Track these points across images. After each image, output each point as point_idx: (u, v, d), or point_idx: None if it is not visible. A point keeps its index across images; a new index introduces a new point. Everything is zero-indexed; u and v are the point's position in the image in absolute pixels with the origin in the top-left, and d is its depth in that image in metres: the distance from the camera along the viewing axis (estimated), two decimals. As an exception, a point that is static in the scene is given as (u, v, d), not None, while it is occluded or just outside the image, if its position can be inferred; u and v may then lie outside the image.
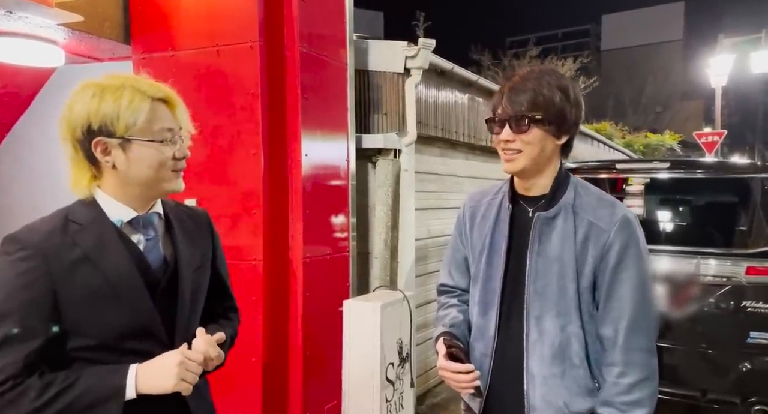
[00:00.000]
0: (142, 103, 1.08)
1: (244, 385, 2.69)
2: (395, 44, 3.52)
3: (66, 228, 1.07)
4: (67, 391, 1.01)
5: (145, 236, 1.14)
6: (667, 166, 3.36)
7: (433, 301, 4.24)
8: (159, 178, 1.12)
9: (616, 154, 10.59)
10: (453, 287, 1.51)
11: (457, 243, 1.50)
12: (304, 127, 2.82)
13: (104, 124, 1.06)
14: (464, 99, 4.47)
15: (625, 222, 1.25)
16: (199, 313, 1.25)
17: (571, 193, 1.30)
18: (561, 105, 1.24)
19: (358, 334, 2.61)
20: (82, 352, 1.06)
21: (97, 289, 1.05)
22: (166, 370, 1.05)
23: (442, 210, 4.38)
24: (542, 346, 1.27)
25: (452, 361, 1.30)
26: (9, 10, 2.37)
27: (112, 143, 1.07)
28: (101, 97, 1.06)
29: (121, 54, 3.04)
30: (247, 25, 2.69)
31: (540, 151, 1.26)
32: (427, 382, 4.05)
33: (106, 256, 1.07)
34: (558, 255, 1.27)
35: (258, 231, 2.69)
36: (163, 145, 1.10)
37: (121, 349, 1.08)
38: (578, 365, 1.26)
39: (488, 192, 1.47)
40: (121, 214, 1.12)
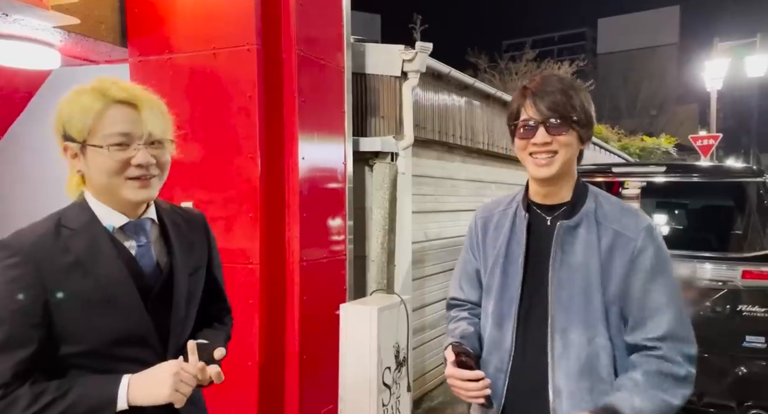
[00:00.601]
0: (93, 105, 1.03)
1: (241, 388, 2.68)
2: (392, 48, 3.53)
3: (58, 233, 1.04)
4: (59, 402, 0.98)
5: (137, 242, 1.11)
6: (664, 169, 3.37)
7: (430, 304, 4.24)
8: (113, 184, 1.06)
9: (612, 157, 10.62)
10: (464, 301, 1.47)
11: (469, 255, 1.45)
12: (301, 130, 2.82)
13: (67, 129, 1.05)
14: (461, 102, 4.47)
15: (650, 230, 1.23)
16: (193, 317, 1.22)
17: (592, 202, 1.28)
18: (588, 107, 1.23)
19: (355, 337, 2.60)
20: (74, 358, 1.04)
21: (89, 295, 1.03)
22: (161, 380, 1.02)
23: (439, 213, 4.38)
24: (568, 360, 1.22)
25: (461, 368, 1.25)
26: (5, 13, 2.36)
27: (75, 148, 1.06)
28: (68, 100, 1.05)
29: (118, 57, 3.03)
30: (244, 28, 2.69)
31: (572, 155, 1.24)
32: (424, 386, 4.04)
33: (99, 261, 1.05)
34: (582, 264, 1.23)
35: (255, 234, 2.68)
36: (116, 151, 1.03)
37: (113, 355, 1.06)
38: (606, 380, 1.22)
39: (501, 202, 1.44)
40: (112, 220, 1.09)
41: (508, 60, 15.89)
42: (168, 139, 1.13)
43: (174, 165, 3.11)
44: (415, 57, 3.44)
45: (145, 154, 1.06)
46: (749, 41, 13.06)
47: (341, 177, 3.18)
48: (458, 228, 4.64)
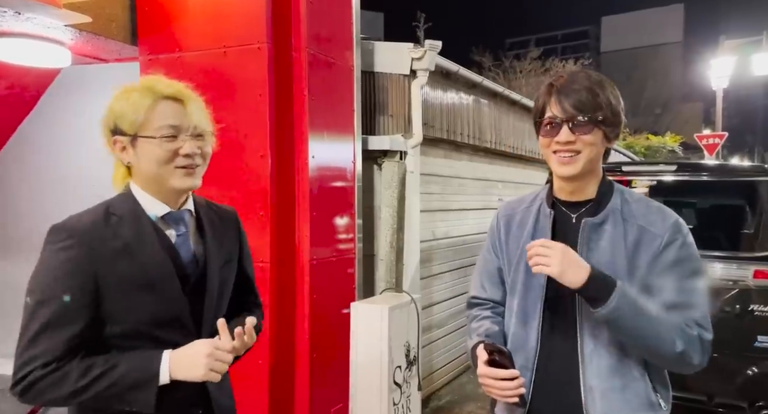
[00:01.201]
0: (144, 100, 1.12)
1: (251, 387, 2.68)
2: (401, 46, 3.52)
3: (107, 220, 1.13)
4: (107, 374, 1.06)
5: (176, 232, 1.19)
6: (674, 168, 3.36)
7: (437, 303, 4.24)
8: (163, 174, 1.14)
9: (617, 156, 10.59)
10: (486, 300, 1.45)
11: (491, 255, 1.44)
12: (311, 128, 2.82)
13: (117, 123, 1.13)
14: (469, 100, 4.46)
15: (678, 225, 1.23)
16: (225, 308, 1.29)
17: (618, 199, 1.27)
18: (616, 105, 1.22)
19: (366, 336, 2.60)
20: (115, 338, 1.11)
21: (134, 278, 1.11)
22: (196, 360, 1.10)
23: (447, 212, 4.37)
24: (599, 358, 1.22)
25: (494, 367, 1.21)
26: (17, 11, 2.36)
27: (125, 141, 1.14)
28: (119, 97, 1.14)
29: (128, 55, 3.03)
30: (254, 26, 2.68)
31: (596, 154, 1.23)
32: (431, 385, 4.04)
33: (144, 247, 1.13)
34: (609, 261, 1.22)
35: (265, 233, 2.68)
36: (166, 142, 1.13)
37: (151, 337, 1.13)
38: (639, 378, 1.22)
39: (524, 199, 1.43)
40: (155, 209, 1.17)
41: (513, 58, 15.85)
42: (209, 132, 1.22)
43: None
44: (424, 55, 3.43)
45: (192, 145, 1.16)
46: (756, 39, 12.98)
47: (350, 176, 3.18)
48: (465, 227, 4.63)
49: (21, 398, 1.05)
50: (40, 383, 1.03)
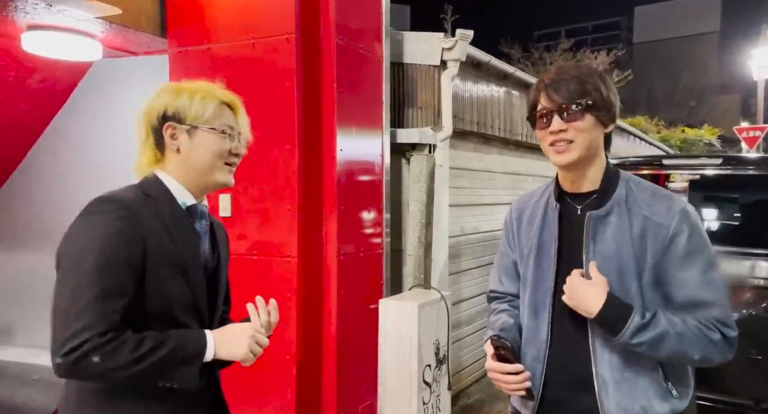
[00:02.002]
0: (212, 101, 1.23)
1: (279, 382, 2.66)
2: (432, 36, 3.43)
3: (147, 200, 1.17)
4: (160, 348, 1.07)
5: (198, 225, 1.25)
6: (718, 162, 3.20)
7: (466, 299, 4.15)
8: (213, 166, 1.23)
9: (653, 149, 10.26)
10: (503, 293, 1.48)
11: (506, 248, 1.47)
12: (339, 121, 2.76)
13: (177, 113, 1.21)
14: (500, 92, 4.34)
15: (684, 213, 1.20)
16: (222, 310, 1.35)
17: (623, 189, 1.26)
18: (606, 91, 1.22)
19: (395, 334, 2.55)
20: (140, 317, 1.11)
21: (171, 258, 1.15)
22: (240, 340, 1.15)
23: (476, 206, 4.28)
24: (611, 350, 1.22)
25: (501, 361, 1.26)
26: (49, 3, 2.37)
27: (181, 129, 1.21)
28: (179, 93, 1.22)
29: (157, 47, 3.03)
30: (283, 17, 2.63)
31: (591, 141, 1.23)
32: (460, 383, 3.97)
33: (179, 229, 1.18)
34: (615, 253, 1.22)
35: (293, 227, 2.65)
36: (224, 137, 1.23)
37: (173, 319, 1.16)
38: (651, 368, 1.21)
39: (534, 193, 1.44)
40: (184, 198, 1.23)
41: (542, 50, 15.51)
42: (249, 141, 1.32)
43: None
44: (455, 45, 3.33)
45: (240, 146, 1.27)
46: (800, 27, 12.37)
47: (378, 169, 3.12)
48: (495, 222, 4.53)
49: (70, 369, 1.02)
50: (96, 352, 1.02)
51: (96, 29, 2.77)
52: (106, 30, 2.77)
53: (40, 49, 2.80)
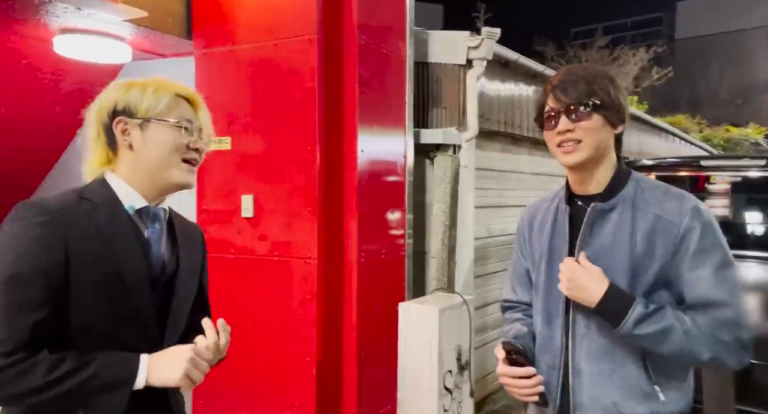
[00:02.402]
0: (165, 93, 1.14)
1: (299, 384, 2.65)
2: (457, 34, 3.36)
3: (80, 204, 1.07)
4: (79, 371, 0.96)
5: (150, 229, 1.14)
6: (763, 163, 3.01)
7: (493, 302, 4.06)
8: (169, 162, 1.13)
9: (693, 149, 9.85)
10: (517, 302, 1.46)
11: (518, 255, 1.45)
12: (360, 121, 2.73)
13: (128, 107, 1.12)
14: (529, 91, 4.23)
15: (696, 211, 1.16)
16: (186, 319, 1.23)
17: (632, 188, 1.24)
18: (614, 92, 1.21)
19: (415, 339, 2.50)
20: (76, 333, 1.02)
21: (103, 267, 1.04)
22: (176, 364, 1.03)
23: (503, 208, 4.18)
24: (590, 341, 1.21)
25: (512, 365, 1.24)
26: (78, 7, 2.42)
27: (133, 123, 1.12)
28: (130, 87, 1.14)
29: (184, 49, 3.06)
30: (305, 17, 2.62)
31: (600, 141, 1.21)
32: (485, 388, 3.89)
33: (117, 236, 1.07)
34: (608, 249, 1.20)
35: (313, 228, 2.63)
36: (180, 130, 1.13)
37: (112, 335, 1.05)
38: (631, 365, 1.18)
39: (545, 199, 1.43)
40: (132, 201, 1.12)
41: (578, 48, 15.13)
42: (211, 140, 1.22)
43: (235, 157, 3.10)
44: (481, 43, 3.26)
45: (199, 141, 1.17)
46: None
47: (401, 170, 3.07)
48: (523, 224, 4.41)
49: None
50: (1, 375, 0.92)
51: (125, 32, 2.82)
52: (135, 32, 2.82)
53: (71, 52, 2.88)
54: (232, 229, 2.83)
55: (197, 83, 2.92)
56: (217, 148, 2.87)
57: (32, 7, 2.45)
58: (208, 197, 2.90)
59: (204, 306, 1.35)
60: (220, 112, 2.86)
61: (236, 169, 2.82)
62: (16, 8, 2.47)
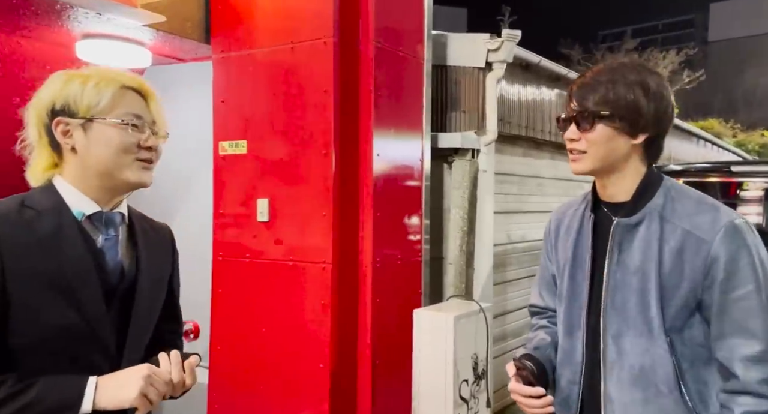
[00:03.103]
0: (108, 86, 1.03)
1: (312, 391, 2.62)
2: (476, 37, 3.31)
3: (21, 213, 0.98)
4: (18, 397, 0.89)
5: (104, 235, 1.05)
6: (799, 169, 2.87)
7: (512, 311, 3.98)
8: (120, 164, 1.04)
9: (726, 155, 9.53)
10: (544, 308, 1.43)
11: (545, 260, 1.41)
12: (376, 125, 2.70)
13: (67, 105, 1.02)
14: (552, 95, 4.14)
15: (731, 229, 1.06)
16: (151, 330, 1.15)
17: (661, 198, 1.16)
18: (635, 100, 1.12)
19: (429, 346, 2.45)
20: (22, 354, 0.95)
21: (47, 279, 0.96)
22: (130, 382, 0.95)
23: (523, 214, 4.09)
24: (621, 369, 1.15)
25: (524, 383, 1.21)
26: (98, 12, 2.46)
27: (73, 123, 1.02)
28: (68, 81, 1.04)
29: (202, 54, 3.08)
30: (321, 20, 2.61)
31: (609, 152, 1.15)
32: (504, 399, 3.79)
33: (63, 246, 0.99)
34: (639, 267, 1.13)
35: (328, 233, 2.61)
36: (127, 128, 1.03)
37: (63, 354, 0.98)
38: (666, 394, 1.11)
39: (574, 202, 1.37)
40: (82, 206, 1.03)
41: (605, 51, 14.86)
42: (166, 133, 1.12)
43: (251, 161, 3.09)
44: (501, 46, 3.20)
45: (152, 138, 1.07)
46: None
47: (418, 175, 3.03)
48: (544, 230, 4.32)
49: None
50: None
51: (145, 37, 2.85)
52: (154, 37, 2.85)
53: (93, 57, 2.92)
54: (247, 234, 2.83)
55: (215, 87, 2.94)
56: (233, 152, 2.88)
57: (54, 12, 2.49)
58: (224, 201, 2.91)
59: (173, 315, 1.27)
60: (236, 115, 2.86)
61: (252, 173, 2.81)
62: (39, 14, 2.52)
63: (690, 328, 1.11)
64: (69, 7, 2.42)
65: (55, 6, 2.41)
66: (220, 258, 2.89)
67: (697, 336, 1.11)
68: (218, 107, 2.93)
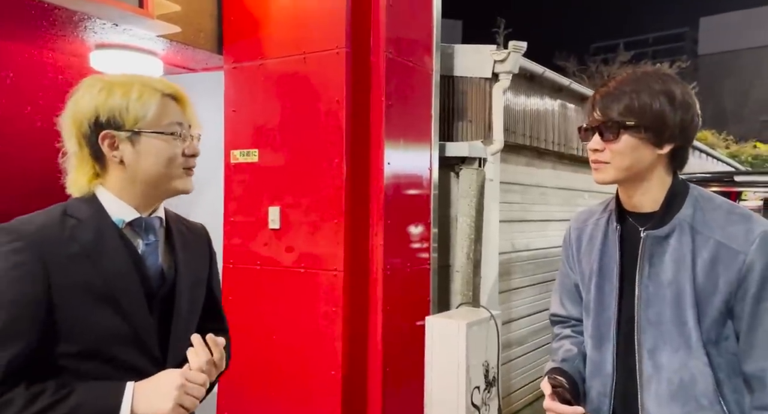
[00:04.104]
0: (152, 97, 1.03)
1: (324, 398, 2.63)
2: (483, 48, 3.37)
3: (64, 222, 0.99)
4: (59, 404, 0.90)
5: (144, 241, 1.06)
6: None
7: (517, 319, 4.00)
8: (168, 174, 1.06)
9: (720, 165, 9.65)
10: (566, 317, 1.39)
11: (566, 268, 1.37)
12: (387, 134, 2.74)
13: (113, 117, 1.01)
14: (554, 105, 4.21)
15: (766, 240, 1.05)
16: (193, 331, 1.15)
17: (690, 208, 1.13)
18: (660, 109, 1.09)
19: (442, 354, 2.46)
20: (67, 359, 0.96)
21: (93, 288, 0.97)
22: (164, 393, 0.95)
23: (527, 223, 4.13)
24: (658, 383, 1.12)
25: (559, 401, 1.16)
26: (115, 23, 2.49)
27: (121, 136, 1.02)
28: (110, 90, 1.02)
29: (214, 64, 3.13)
30: (334, 31, 2.66)
31: (634, 162, 1.12)
32: (511, 406, 3.80)
33: (105, 254, 1.00)
34: (672, 280, 1.11)
35: (339, 240, 2.63)
36: (174, 139, 1.05)
37: (110, 358, 0.99)
38: (707, 407, 1.08)
39: (594, 210, 1.33)
40: (122, 214, 1.04)
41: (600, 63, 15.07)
42: (199, 136, 1.13)
43: (263, 169, 3.12)
44: (507, 57, 3.26)
45: (193, 145, 1.09)
46: None
47: (426, 183, 3.07)
48: (547, 239, 4.36)
49: None
50: None
51: (158, 47, 2.89)
52: (167, 48, 2.89)
53: (107, 66, 2.95)
54: (258, 241, 2.84)
55: (226, 96, 2.98)
56: (244, 161, 2.90)
57: (72, 23, 2.53)
58: (236, 209, 2.93)
59: (216, 313, 1.28)
60: (248, 124, 2.90)
61: (264, 181, 2.84)
62: (56, 24, 2.56)
63: (726, 340, 1.10)
64: (87, 18, 2.45)
65: (73, 17, 2.44)
66: (230, 265, 2.90)
67: (732, 346, 1.10)
68: (230, 116, 2.96)
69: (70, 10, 2.36)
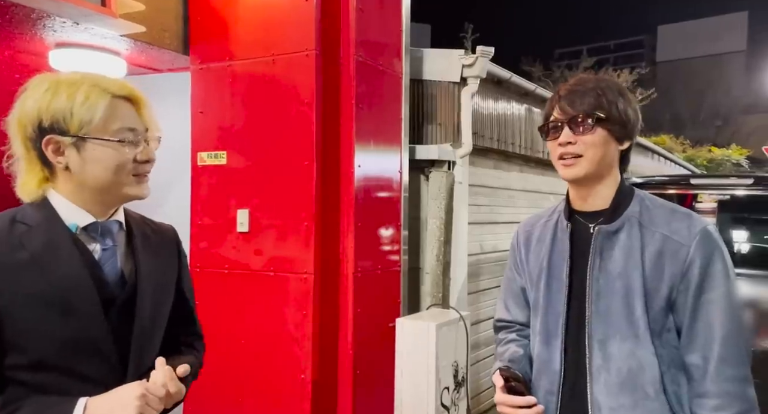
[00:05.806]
0: (100, 100, 0.98)
1: (294, 402, 2.60)
2: (452, 53, 3.42)
3: (12, 229, 0.96)
4: None
5: (101, 245, 1.03)
6: (750, 182, 3.08)
7: (485, 319, 4.05)
8: (117, 181, 1.01)
9: (678, 168, 10.04)
10: (511, 322, 1.40)
11: (513, 273, 1.39)
12: (357, 137, 2.75)
13: (56, 121, 0.96)
14: (521, 109, 4.30)
15: (706, 235, 1.12)
16: (159, 337, 1.11)
17: (637, 206, 1.19)
18: (624, 107, 1.17)
19: (412, 355, 2.48)
20: (19, 372, 0.92)
21: (44, 297, 0.93)
22: (124, 404, 0.91)
23: (495, 224, 4.20)
24: (608, 373, 1.15)
25: (511, 394, 1.18)
26: (76, 21, 2.42)
27: (65, 142, 0.97)
28: (55, 92, 0.97)
29: (180, 65, 3.07)
30: (303, 34, 2.65)
31: (602, 155, 1.17)
32: (479, 407, 3.85)
33: (56, 261, 0.96)
34: (621, 272, 1.15)
35: (309, 243, 2.62)
36: (123, 146, 1.00)
37: (65, 370, 0.95)
38: (653, 396, 1.12)
39: (542, 215, 1.37)
40: (76, 219, 1.00)
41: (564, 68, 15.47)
42: (159, 137, 1.09)
43: (231, 171, 3.08)
44: (475, 62, 3.32)
45: (148, 150, 1.04)
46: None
47: (397, 186, 3.08)
48: (515, 241, 4.44)
49: None
50: None
51: (121, 47, 2.82)
52: (131, 47, 2.82)
53: (67, 66, 2.86)
54: (227, 244, 2.80)
55: (193, 98, 2.93)
56: (212, 163, 2.86)
57: (30, 21, 2.44)
58: (203, 211, 2.88)
59: (187, 317, 1.23)
60: (216, 126, 2.86)
61: (232, 184, 2.80)
62: (13, 22, 2.46)
63: (668, 332, 1.14)
64: (46, 16, 2.38)
65: (31, 15, 2.36)
66: (198, 269, 2.85)
67: (673, 338, 1.14)
68: (197, 118, 2.91)
69: (28, 8, 2.28)
